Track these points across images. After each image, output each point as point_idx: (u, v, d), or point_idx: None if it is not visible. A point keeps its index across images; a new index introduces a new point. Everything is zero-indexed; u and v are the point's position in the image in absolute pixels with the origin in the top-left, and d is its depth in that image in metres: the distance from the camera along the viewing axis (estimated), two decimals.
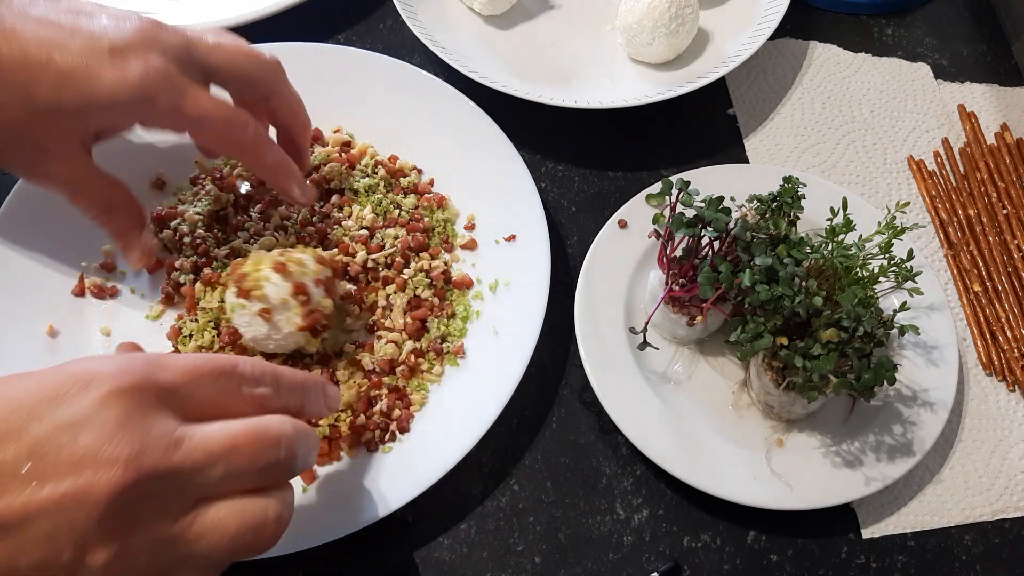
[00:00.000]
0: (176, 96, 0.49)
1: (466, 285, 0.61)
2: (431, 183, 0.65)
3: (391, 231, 0.62)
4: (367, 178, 0.64)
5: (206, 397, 0.38)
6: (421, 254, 0.62)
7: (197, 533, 0.36)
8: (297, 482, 0.54)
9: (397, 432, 0.56)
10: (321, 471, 0.54)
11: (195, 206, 0.62)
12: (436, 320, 0.59)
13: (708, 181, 0.62)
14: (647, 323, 0.55)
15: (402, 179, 0.65)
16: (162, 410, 0.35)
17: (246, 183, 0.64)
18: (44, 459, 0.32)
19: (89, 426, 0.33)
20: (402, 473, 0.54)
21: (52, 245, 0.61)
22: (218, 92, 0.54)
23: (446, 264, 0.62)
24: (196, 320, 0.58)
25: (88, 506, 0.32)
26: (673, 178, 0.59)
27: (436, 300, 0.60)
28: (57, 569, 0.33)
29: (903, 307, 0.53)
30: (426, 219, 0.63)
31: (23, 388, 0.34)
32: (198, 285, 0.59)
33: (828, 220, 0.54)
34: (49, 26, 0.47)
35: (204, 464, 0.36)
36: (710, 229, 0.54)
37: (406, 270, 0.60)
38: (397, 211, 0.63)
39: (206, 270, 0.59)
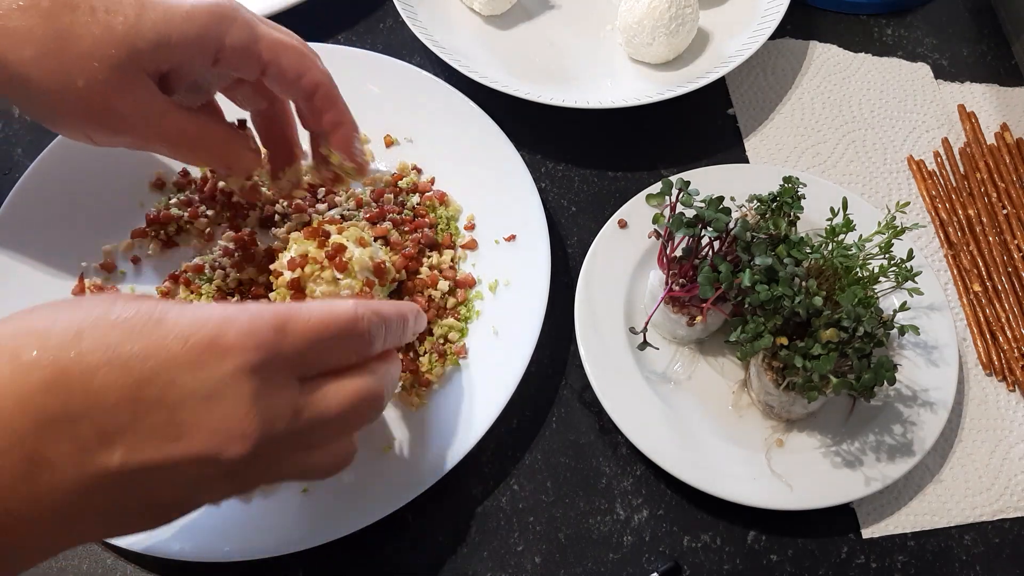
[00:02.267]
0: (251, 25, 0.50)
1: (468, 285, 0.61)
2: (432, 182, 0.65)
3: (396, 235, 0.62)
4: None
5: (326, 356, 0.41)
6: (431, 252, 0.61)
7: (293, 469, 0.41)
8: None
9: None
10: None
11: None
12: (439, 320, 0.59)
13: (708, 181, 0.62)
14: (647, 323, 0.55)
15: (401, 180, 0.65)
16: (287, 379, 0.39)
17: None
18: (181, 425, 0.35)
19: (222, 400, 0.36)
20: (402, 473, 0.54)
21: (52, 245, 0.61)
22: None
23: (453, 261, 0.62)
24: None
25: (217, 467, 0.36)
26: (673, 178, 0.60)
27: (452, 300, 0.60)
28: (180, 502, 0.38)
29: (903, 307, 0.53)
30: (431, 215, 0.63)
31: (164, 346, 0.36)
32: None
33: (828, 220, 0.54)
34: None
35: (317, 427, 0.40)
36: (710, 229, 0.54)
37: (422, 270, 0.60)
38: (401, 210, 0.63)
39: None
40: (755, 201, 0.56)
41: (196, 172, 0.66)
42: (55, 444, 0.33)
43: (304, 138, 0.59)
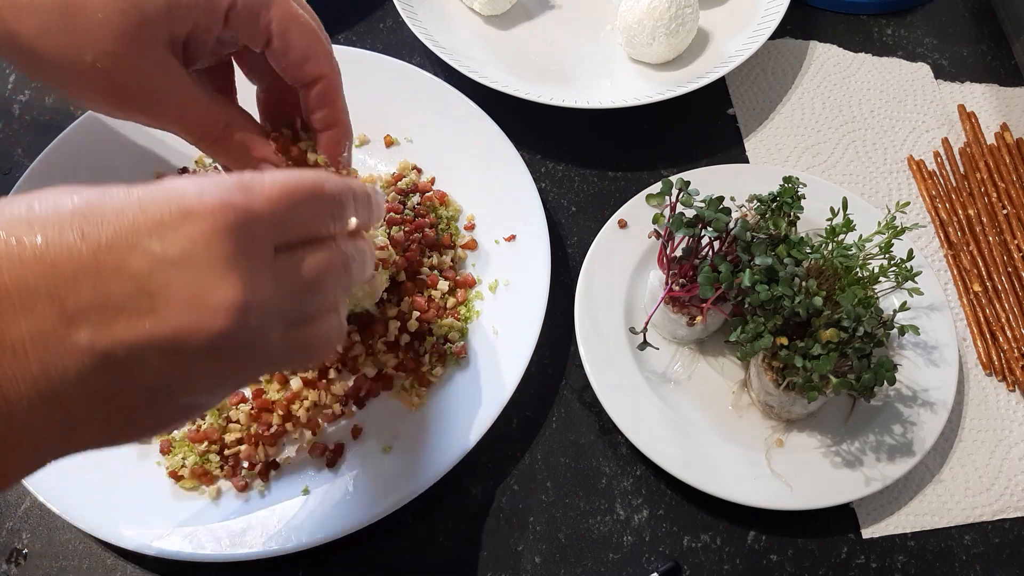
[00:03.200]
0: None
1: (468, 285, 0.61)
2: (432, 182, 0.65)
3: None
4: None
5: (298, 220, 0.38)
6: (431, 252, 0.61)
7: (286, 349, 0.38)
8: (298, 482, 0.54)
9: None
10: (322, 470, 0.55)
11: None
12: (439, 320, 0.59)
13: (708, 181, 0.62)
14: (647, 323, 0.55)
15: (401, 180, 0.65)
16: (260, 244, 0.35)
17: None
18: (152, 296, 0.32)
19: (195, 265, 0.32)
20: (402, 473, 0.54)
21: None
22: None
23: (453, 261, 0.62)
24: None
25: (199, 342, 0.33)
26: (673, 178, 0.60)
27: (452, 300, 0.60)
28: (169, 394, 0.34)
29: (903, 307, 0.53)
30: (431, 215, 0.63)
31: (121, 212, 0.32)
32: None
33: (828, 220, 0.54)
34: None
35: (299, 296, 0.37)
36: (710, 229, 0.54)
37: (423, 270, 0.60)
38: (402, 209, 0.63)
39: None
40: (755, 201, 0.56)
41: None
42: (14, 323, 0.30)
43: None
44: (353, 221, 0.41)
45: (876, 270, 0.53)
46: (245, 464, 0.54)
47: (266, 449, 0.54)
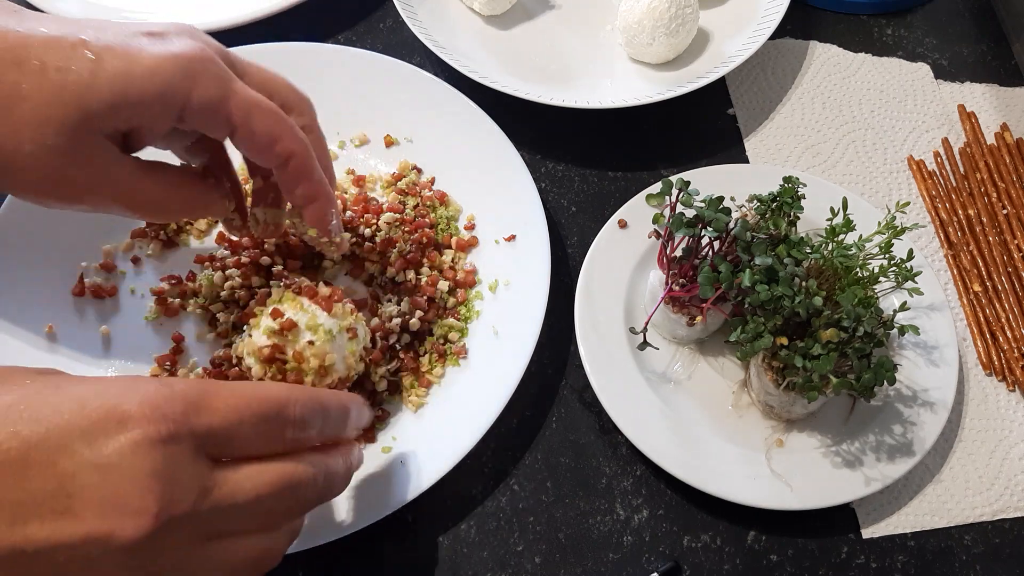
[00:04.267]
0: (222, 81, 0.44)
1: (469, 285, 0.61)
2: (432, 182, 0.65)
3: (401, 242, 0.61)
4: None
5: (245, 439, 0.37)
6: (432, 253, 0.61)
7: (203, 564, 0.37)
8: None
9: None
10: None
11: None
12: (439, 320, 0.59)
13: (708, 181, 0.62)
14: (647, 323, 0.55)
15: (401, 180, 0.65)
16: (195, 457, 0.35)
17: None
18: (71, 497, 0.32)
19: (119, 473, 0.33)
20: (402, 473, 0.54)
21: (52, 245, 0.61)
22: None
23: (453, 261, 0.62)
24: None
25: (110, 549, 0.33)
26: (673, 178, 0.59)
27: (452, 300, 0.60)
28: None
29: (903, 307, 0.53)
30: (431, 215, 0.63)
31: (59, 411, 0.33)
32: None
33: (828, 220, 0.54)
34: (76, 22, 0.43)
35: (227, 513, 0.36)
36: (710, 229, 0.54)
37: (423, 270, 0.60)
38: (403, 209, 0.63)
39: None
40: (755, 201, 0.56)
41: None
42: None
43: None
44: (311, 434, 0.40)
45: (876, 270, 0.53)
46: None
47: None
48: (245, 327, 0.52)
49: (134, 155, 0.46)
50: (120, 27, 0.43)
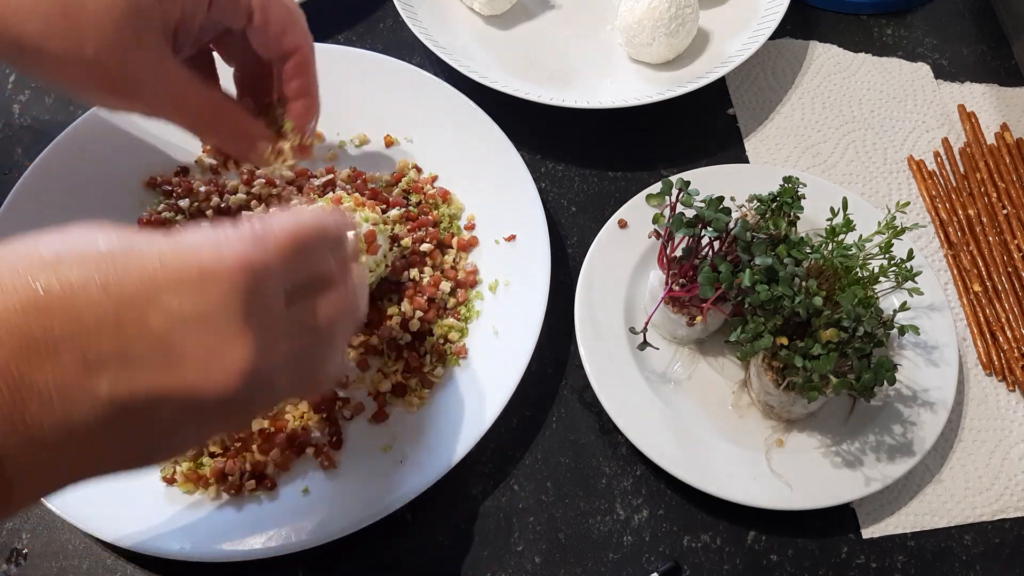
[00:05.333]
0: None
1: (469, 285, 0.61)
2: (432, 180, 0.65)
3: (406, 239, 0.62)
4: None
5: (305, 264, 0.39)
6: (434, 252, 0.61)
7: (287, 394, 0.41)
8: (298, 482, 0.54)
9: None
10: (321, 470, 0.55)
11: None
12: (439, 320, 0.59)
13: (708, 181, 0.62)
14: (647, 323, 0.55)
15: (401, 180, 0.65)
16: (273, 297, 0.37)
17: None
18: (168, 353, 0.33)
19: (210, 325, 0.34)
20: (402, 473, 0.54)
21: None
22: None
23: (454, 261, 0.62)
24: None
25: (212, 397, 0.34)
26: (673, 178, 0.59)
27: (452, 300, 0.60)
28: (179, 439, 0.36)
29: (903, 307, 0.53)
30: (433, 212, 0.63)
31: (143, 266, 0.34)
32: None
33: (828, 220, 0.54)
34: None
35: (306, 344, 0.39)
36: (710, 229, 0.54)
37: (426, 270, 0.60)
38: (406, 204, 0.63)
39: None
40: (755, 201, 0.56)
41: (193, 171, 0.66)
42: (40, 370, 0.32)
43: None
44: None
45: (876, 270, 0.53)
46: (235, 473, 0.54)
47: (254, 457, 0.54)
48: None
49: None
50: None
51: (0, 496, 0.33)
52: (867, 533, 0.56)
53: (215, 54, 0.56)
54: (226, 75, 0.56)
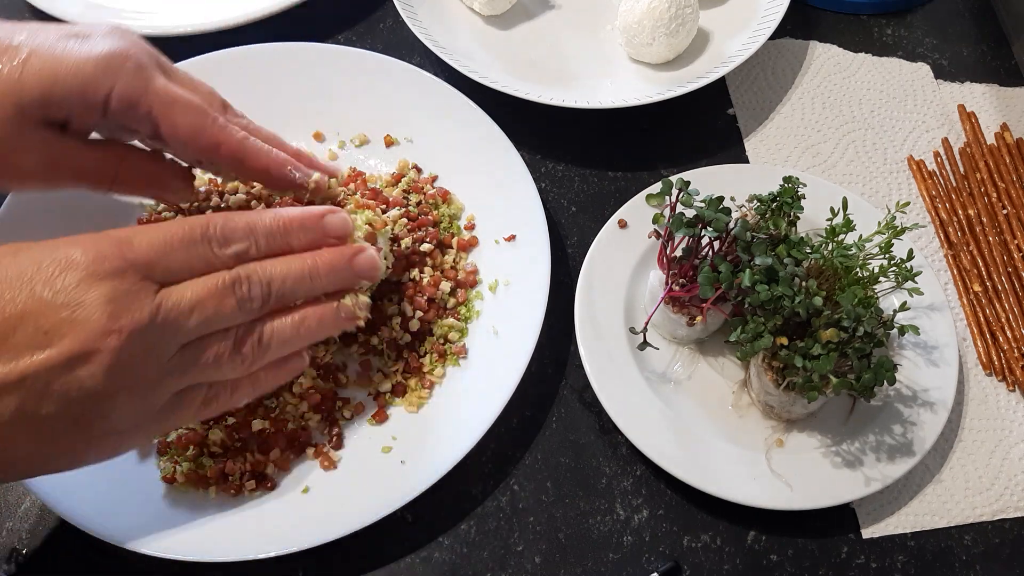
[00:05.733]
0: (142, 78, 0.48)
1: (469, 285, 0.61)
2: (432, 180, 0.65)
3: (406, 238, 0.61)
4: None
5: (182, 263, 0.43)
6: (434, 252, 0.61)
7: (178, 374, 0.44)
8: (298, 482, 0.54)
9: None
10: (321, 470, 0.54)
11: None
12: (439, 320, 0.59)
13: (708, 181, 0.62)
14: (647, 323, 0.55)
15: (401, 180, 0.65)
16: (141, 283, 0.41)
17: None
18: (47, 333, 0.39)
19: (80, 306, 0.39)
20: (402, 473, 0.54)
21: None
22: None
23: (455, 262, 0.62)
24: None
25: (96, 367, 0.40)
26: (673, 178, 0.59)
27: (452, 300, 0.60)
28: (73, 417, 0.41)
29: (903, 307, 0.53)
30: (434, 212, 0.63)
31: (21, 270, 0.40)
32: None
33: (828, 220, 0.54)
34: (12, 27, 0.47)
35: (185, 317, 0.42)
36: (710, 229, 0.54)
37: (426, 270, 0.60)
38: (407, 204, 0.63)
39: None
40: (755, 201, 0.56)
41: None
42: None
43: None
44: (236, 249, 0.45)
45: (876, 270, 0.53)
46: (235, 474, 0.54)
47: (254, 457, 0.54)
48: None
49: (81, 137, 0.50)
50: (52, 30, 0.48)
51: None
52: (867, 533, 0.56)
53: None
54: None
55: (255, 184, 0.62)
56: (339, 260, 0.48)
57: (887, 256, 0.54)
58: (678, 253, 0.56)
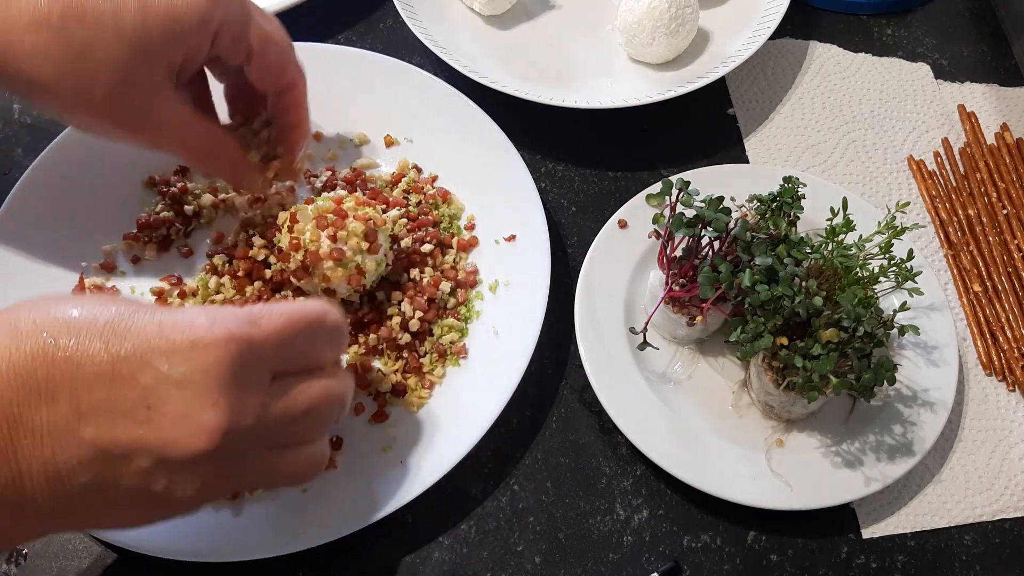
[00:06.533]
0: (244, 12, 0.52)
1: (469, 285, 0.61)
2: (432, 180, 0.65)
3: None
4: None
5: (298, 351, 0.42)
6: (434, 251, 0.61)
7: (264, 472, 0.42)
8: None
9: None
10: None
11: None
12: (439, 320, 0.59)
13: (708, 181, 0.62)
14: (647, 323, 0.55)
15: (401, 180, 0.65)
16: (256, 376, 0.40)
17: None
18: (151, 408, 0.37)
19: (191, 389, 0.37)
20: (402, 473, 0.54)
21: (52, 245, 0.61)
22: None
23: (455, 262, 0.62)
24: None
25: (181, 456, 0.37)
26: (673, 178, 0.59)
27: (452, 300, 0.60)
28: (150, 494, 0.38)
29: (903, 307, 0.53)
30: (434, 212, 0.63)
31: (143, 332, 0.38)
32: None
33: (828, 220, 0.54)
34: None
35: (282, 424, 0.41)
36: (710, 229, 0.54)
37: (426, 270, 0.60)
38: (407, 204, 0.63)
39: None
40: (755, 201, 0.56)
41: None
42: (37, 411, 0.35)
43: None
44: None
45: (876, 270, 0.53)
46: None
47: None
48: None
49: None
50: None
51: None
52: (867, 533, 0.56)
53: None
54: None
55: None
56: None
57: (887, 256, 0.54)
58: (678, 253, 0.56)
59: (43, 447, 0.36)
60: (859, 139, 0.71)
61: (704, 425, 0.56)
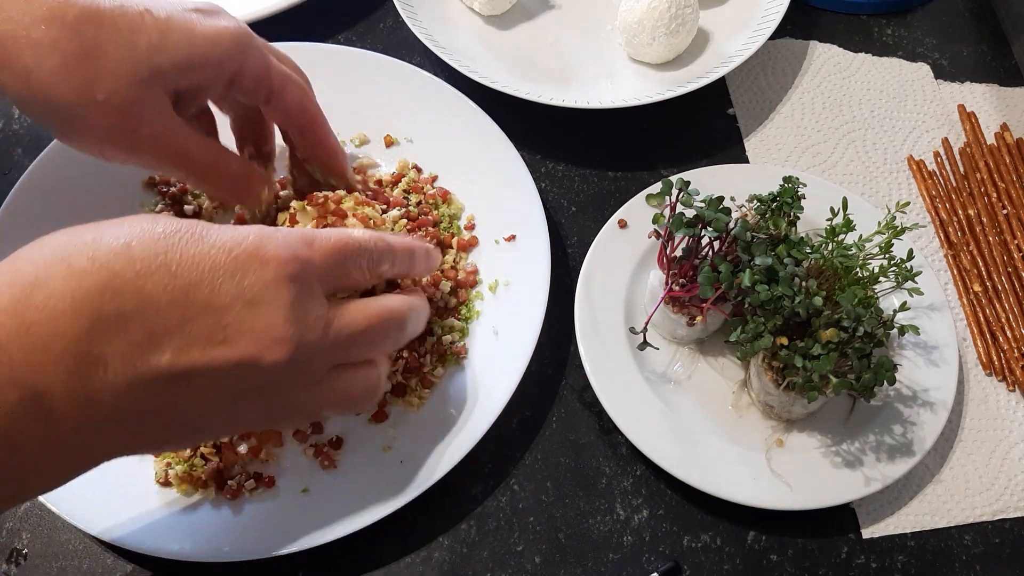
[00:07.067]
0: (264, 56, 0.52)
1: (469, 285, 0.61)
2: (432, 180, 0.65)
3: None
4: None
5: (344, 274, 0.44)
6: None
7: (327, 392, 0.44)
8: (298, 482, 0.54)
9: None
10: (321, 470, 0.55)
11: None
12: (439, 320, 0.59)
13: (708, 181, 0.62)
14: (647, 323, 0.55)
15: (402, 180, 0.65)
16: (317, 292, 0.42)
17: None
18: (226, 328, 0.38)
19: (265, 306, 0.39)
20: (402, 473, 0.54)
21: None
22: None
23: (455, 262, 0.62)
24: None
25: (258, 371, 0.39)
26: (673, 178, 0.60)
27: (453, 300, 0.60)
28: (217, 418, 0.41)
29: (903, 307, 0.53)
30: (434, 212, 0.63)
31: (212, 256, 0.39)
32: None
33: (828, 220, 0.54)
34: None
35: (346, 342, 0.43)
36: (710, 229, 0.54)
37: None
38: (407, 204, 0.63)
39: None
40: (755, 201, 0.56)
41: None
42: (108, 343, 0.36)
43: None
44: (385, 268, 0.47)
45: (876, 270, 0.53)
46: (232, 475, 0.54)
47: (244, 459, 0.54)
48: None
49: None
50: (176, 2, 0.49)
51: (52, 456, 0.37)
52: (867, 533, 0.56)
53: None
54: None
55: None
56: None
57: (887, 256, 0.54)
58: (678, 253, 0.56)
59: (116, 374, 0.36)
60: (859, 139, 0.71)
61: (704, 425, 0.56)
